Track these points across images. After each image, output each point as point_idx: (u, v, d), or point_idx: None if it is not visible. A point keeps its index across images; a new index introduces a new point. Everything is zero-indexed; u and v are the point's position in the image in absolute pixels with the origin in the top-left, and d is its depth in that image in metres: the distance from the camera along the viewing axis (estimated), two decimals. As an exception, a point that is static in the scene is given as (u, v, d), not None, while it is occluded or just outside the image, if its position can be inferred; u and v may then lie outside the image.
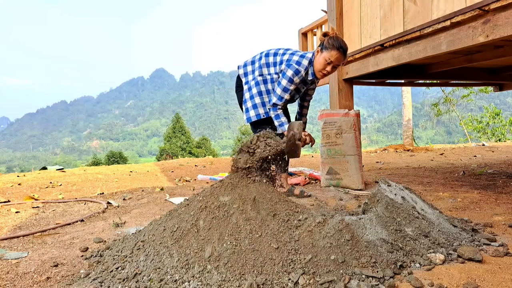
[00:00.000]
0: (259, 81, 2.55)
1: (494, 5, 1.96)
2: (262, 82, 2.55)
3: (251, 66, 2.61)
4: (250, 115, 2.57)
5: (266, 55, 2.55)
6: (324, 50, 2.33)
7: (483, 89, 12.24)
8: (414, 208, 1.60)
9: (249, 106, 2.58)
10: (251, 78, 2.60)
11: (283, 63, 2.44)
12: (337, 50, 2.29)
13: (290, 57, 2.44)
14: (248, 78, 2.62)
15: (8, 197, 3.14)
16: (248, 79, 2.62)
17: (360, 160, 3.02)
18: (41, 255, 1.57)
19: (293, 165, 5.13)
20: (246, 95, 2.61)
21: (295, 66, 2.37)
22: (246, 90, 2.62)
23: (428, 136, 77.99)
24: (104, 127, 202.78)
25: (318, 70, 2.39)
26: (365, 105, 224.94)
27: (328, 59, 2.32)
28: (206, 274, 1.19)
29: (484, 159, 5.54)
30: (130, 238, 1.55)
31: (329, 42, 2.31)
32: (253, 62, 2.61)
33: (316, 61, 2.38)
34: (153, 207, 2.54)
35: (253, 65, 2.60)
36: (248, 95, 2.59)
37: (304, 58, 2.40)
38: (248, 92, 2.60)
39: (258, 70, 2.56)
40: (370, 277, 1.19)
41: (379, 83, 4.49)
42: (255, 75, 2.57)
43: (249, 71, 2.62)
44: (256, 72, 2.57)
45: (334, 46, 2.29)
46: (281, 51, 2.54)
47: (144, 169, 5.41)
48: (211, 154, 28.36)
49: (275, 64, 2.50)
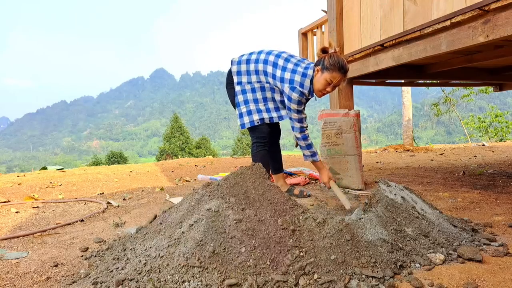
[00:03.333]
0: (256, 88, 2.49)
1: (494, 5, 1.96)
2: (260, 89, 2.49)
3: (246, 66, 2.51)
4: (244, 121, 2.54)
5: (265, 62, 2.45)
6: (325, 70, 2.26)
7: (483, 89, 12.26)
8: (414, 208, 1.60)
9: (244, 112, 2.53)
10: (246, 80, 2.51)
11: (285, 84, 2.35)
12: (339, 72, 2.24)
13: (292, 76, 2.34)
14: (241, 79, 2.52)
15: (8, 197, 3.14)
16: (241, 80, 2.52)
17: (360, 160, 3.02)
18: (41, 255, 1.57)
19: (293, 165, 5.13)
20: (240, 98, 2.54)
21: (299, 89, 2.32)
22: (239, 91, 2.54)
23: (428, 136, 78.02)
24: (104, 127, 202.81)
25: (318, 90, 2.34)
26: (365, 105, 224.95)
27: (330, 80, 2.26)
28: (206, 274, 1.19)
29: (484, 159, 5.54)
30: (130, 238, 1.55)
31: (331, 63, 2.24)
32: (248, 62, 2.50)
33: (317, 81, 2.31)
34: (153, 207, 2.54)
35: (248, 65, 2.50)
36: (242, 99, 2.53)
37: (306, 78, 2.33)
38: (242, 96, 2.53)
39: (255, 75, 2.48)
40: (370, 277, 1.19)
41: (379, 83, 4.49)
42: (252, 80, 2.49)
43: (243, 71, 2.52)
44: (253, 77, 2.49)
45: (336, 67, 2.23)
46: (281, 61, 2.42)
47: (144, 169, 5.41)
48: (211, 154, 28.38)
49: (274, 76, 2.42)
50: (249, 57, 2.53)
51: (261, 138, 2.56)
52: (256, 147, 2.57)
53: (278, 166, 2.80)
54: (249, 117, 2.53)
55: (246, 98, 2.52)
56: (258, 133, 2.55)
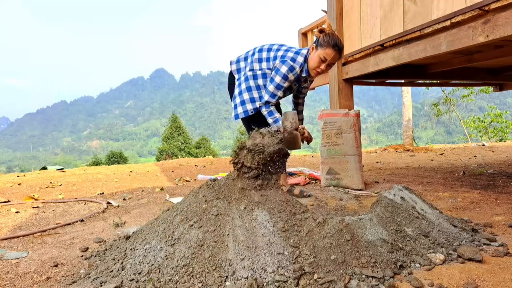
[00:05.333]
0: (249, 76, 2.45)
1: (494, 5, 1.96)
2: (252, 77, 2.44)
3: (244, 62, 2.51)
4: (238, 111, 2.47)
5: (259, 50, 2.45)
6: (319, 47, 2.24)
7: (483, 89, 12.25)
8: (414, 208, 1.60)
9: (238, 102, 2.48)
10: (243, 74, 2.51)
11: (277, 59, 2.33)
12: (332, 48, 2.21)
13: (284, 53, 2.34)
14: (240, 74, 2.53)
15: (8, 197, 3.14)
16: (240, 75, 2.53)
17: (360, 160, 3.02)
18: (41, 255, 1.57)
19: (293, 165, 5.13)
20: (236, 91, 2.51)
21: (290, 63, 2.27)
22: (236, 86, 2.52)
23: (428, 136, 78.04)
24: (104, 127, 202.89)
25: (312, 68, 2.30)
26: (365, 105, 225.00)
27: (323, 57, 2.23)
28: (206, 274, 1.19)
29: (484, 159, 5.54)
30: (130, 238, 1.55)
31: (325, 40, 2.22)
32: (246, 58, 2.51)
33: (311, 59, 2.29)
34: (153, 207, 2.54)
35: (246, 61, 2.51)
36: (237, 90, 2.49)
37: (299, 54, 2.31)
38: (238, 88, 2.50)
39: (249, 65, 2.46)
40: (370, 277, 1.19)
41: (379, 83, 4.49)
42: (246, 70, 2.48)
43: (242, 67, 2.52)
44: (247, 68, 2.47)
45: (330, 43, 2.20)
46: (275, 46, 2.43)
47: (144, 169, 5.41)
48: (211, 154, 28.37)
49: (268, 59, 2.39)
50: (246, 54, 2.55)
51: None
52: None
53: None
54: (242, 107, 2.45)
55: (240, 89, 2.48)
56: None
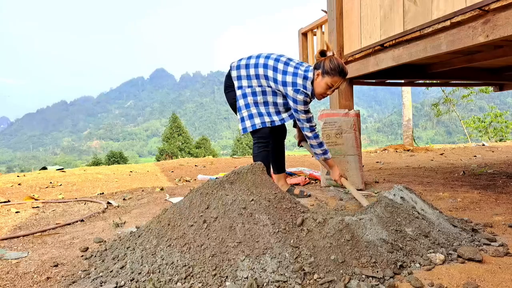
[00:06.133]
0: (257, 92, 2.50)
1: (494, 5, 1.96)
2: (261, 93, 2.50)
3: (245, 71, 2.52)
4: (246, 125, 2.54)
5: (264, 67, 2.46)
6: (325, 75, 2.32)
7: (483, 89, 12.26)
8: (414, 208, 1.60)
9: (245, 116, 2.53)
10: (246, 84, 2.52)
11: (289, 87, 2.38)
12: (340, 76, 2.31)
13: (294, 79, 2.38)
14: (242, 83, 2.53)
15: (8, 197, 3.14)
16: (242, 84, 2.53)
17: (360, 160, 3.02)
18: (41, 255, 1.57)
19: (293, 165, 5.13)
20: (241, 102, 2.54)
21: (303, 91, 2.36)
22: (240, 96, 2.54)
23: (428, 136, 78.07)
24: (104, 127, 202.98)
25: (319, 93, 2.40)
26: (365, 105, 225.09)
27: (331, 84, 2.33)
28: (206, 274, 1.20)
29: (484, 159, 5.54)
30: (130, 238, 1.55)
31: (331, 67, 2.29)
32: (248, 67, 2.51)
33: (317, 85, 2.37)
34: (153, 207, 2.54)
35: (248, 70, 2.51)
36: (243, 103, 2.53)
37: (307, 80, 2.38)
38: (243, 100, 2.53)
39: (256, 80, 2.49)
40: (370, 277, 1.19)
41: (379, 83, 4.49)
42: (253, 84, 2.50)
43: (243, 76, 2.52)
44: (253, 82, 2.50)
45: (337, 71, 2.29)
46: (281, 65, 2.44)
47: (144, 169, 5.41)
48: (211, 154, 28.38)
49: (275, 81, 2.43)
50: (247, 61, 2.54)
51: (263, 138, 2.56)
52: (257, 148, 2.57)
53: (281, 166, 2.80)
54: (250, 121, 2.53)
55: (247, 102, 2.52)
56: (259, 133, 2.55)
